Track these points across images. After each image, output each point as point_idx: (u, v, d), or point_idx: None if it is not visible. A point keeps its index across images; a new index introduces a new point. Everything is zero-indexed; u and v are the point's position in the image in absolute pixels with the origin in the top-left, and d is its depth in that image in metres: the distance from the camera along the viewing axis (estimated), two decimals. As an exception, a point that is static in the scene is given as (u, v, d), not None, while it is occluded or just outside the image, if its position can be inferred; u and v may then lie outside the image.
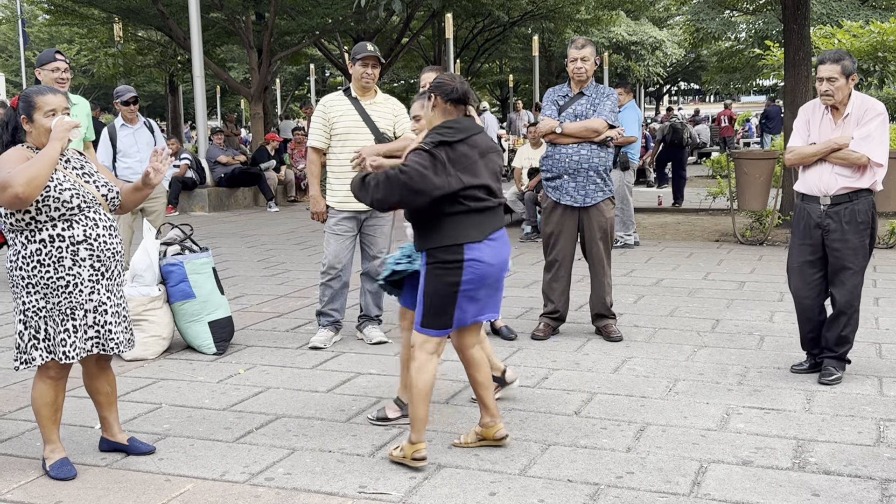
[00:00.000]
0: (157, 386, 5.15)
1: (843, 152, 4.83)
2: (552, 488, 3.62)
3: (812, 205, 4.98)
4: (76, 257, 3.76)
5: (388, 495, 3.59)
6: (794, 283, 5.12)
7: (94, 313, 3.82)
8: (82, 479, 3.81)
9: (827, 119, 4.95)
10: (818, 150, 4.91)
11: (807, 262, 5.02)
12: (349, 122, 5.85)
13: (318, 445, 4.14)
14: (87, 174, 3.87)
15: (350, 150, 5.74)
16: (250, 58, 18.55)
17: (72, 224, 3.75)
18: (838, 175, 4.87)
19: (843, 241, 4.88)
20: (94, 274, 3.80)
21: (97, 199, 3.84)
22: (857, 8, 20.57)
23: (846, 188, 4.86)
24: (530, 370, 5.30)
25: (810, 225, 4.98)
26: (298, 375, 5.30)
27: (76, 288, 3.77)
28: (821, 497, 3.48)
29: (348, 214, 5.91)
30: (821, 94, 4.89)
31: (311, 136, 5.99)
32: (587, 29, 27.18)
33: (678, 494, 3.53)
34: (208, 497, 3.61)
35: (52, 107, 3.76)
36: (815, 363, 5.12)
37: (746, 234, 10.40)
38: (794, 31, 10.76)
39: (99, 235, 3.80)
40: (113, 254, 3.87)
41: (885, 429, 4.21)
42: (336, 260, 5.93)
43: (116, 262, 3.90)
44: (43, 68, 5.97)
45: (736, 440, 4.10)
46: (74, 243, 3.75)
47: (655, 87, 46.10)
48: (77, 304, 3.78)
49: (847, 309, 4.93)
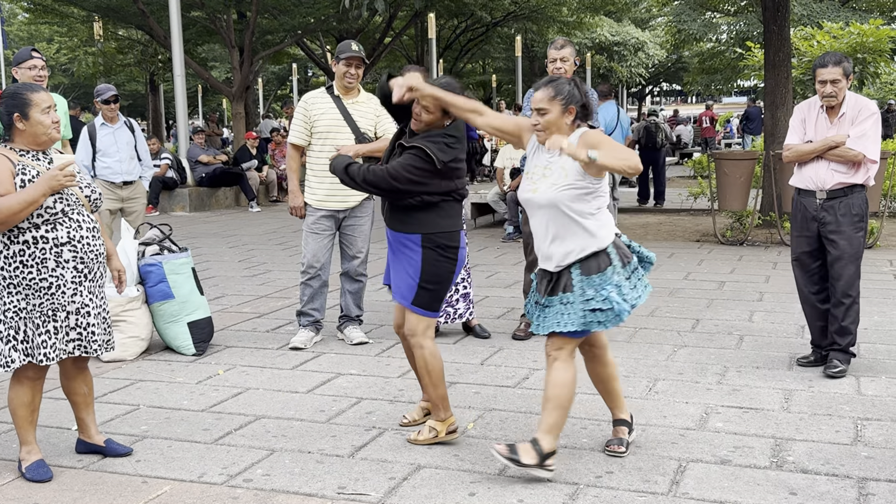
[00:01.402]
0: (135, 387, 5.12)
1: (840, 150, 5.00)
2: (531, 488, 3.62)
3: (808, 199, 5.16)
4: (60, 259, 3.73)
5: (367, 496, 3.58)
6: (796, 273, 5.33)
7: (76, 315, 3.79)
8: (58, 481, 3.78)
9: (822, 118, 5.12)
10: (816, 147, 5.08)
11: (805, 252, 5.23)
12: (330, 121, 5.84)
13: (298, 446, 4.13)
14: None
15: (330, 149, 5.73)
16: (232, 57, 18.49)
17: (55, 226, 3.72)
18: (834, 171, 5.05)
19: (839, 232, 5.06)
20: (76, 276, 3.77)
21: (80, 201, 3.81)
22: (837, 9, 20.69)
23: (841, 183, 5.05)
24: (511, 370, 5.30)
25: (807, 218, 5.16)
26: (278, 376, 5.28)
27: (59, 290, 3.74)
28: (798, 496, 3.50)
29: (327, 213, 5.91)
30: (824, 96, 5.04)
31: (291, 132, 5.99)
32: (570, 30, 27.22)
33: (657, 494, 3.54)
34: (186, 499, 3.59)
35: (49, 104, 3.76)
36: (822, 356, 5.23)
37: (727, 235, 10.45)
38: (774, 33, 10.83)
39: (83, 237, 3.77)
40: (96, 255, 3.84)
41: (862, 428, 4.24)
42: (315, 259, 5.93)
43: (99, 264, 3.87)
44: (20, 67, 5.92)
45: (714, 439, 4.12)
46: (58, 245, 3.73)
47: (638, 87, 46.24)
48: (59, 305, 3.75)
49: (844, 299, 5.08)
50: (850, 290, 5.09)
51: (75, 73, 25.41)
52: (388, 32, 22.69)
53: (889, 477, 3.65)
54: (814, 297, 5.25)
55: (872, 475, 3.68)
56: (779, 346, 5.72)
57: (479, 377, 5.18)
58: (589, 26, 29.18)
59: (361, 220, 5.98)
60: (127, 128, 7.85)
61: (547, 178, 3.69)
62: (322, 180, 5.82)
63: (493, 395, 4.84)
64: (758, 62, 15.58)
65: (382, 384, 5.06)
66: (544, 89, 3.69)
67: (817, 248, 5.19)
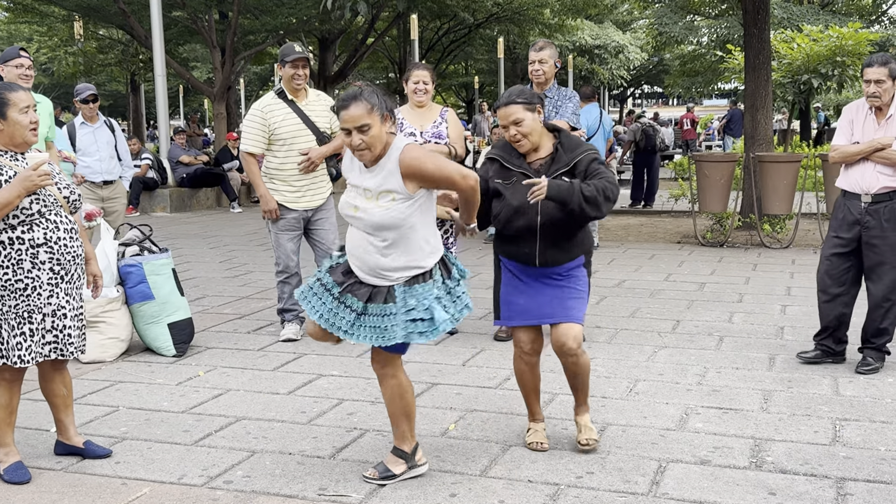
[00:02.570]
0: (114, 388, 5.09)
1: (886, 152, 4.99)
2: (512, 489, 3.63)
3: (853, 201, 5.15)
4: (36, 260, 3.69)
5: (348, 497, 3.58)
6: (821, 270, 5.33)
7: (52, 317, 3.76)
8: (37, 483, 3.75)
9: (870, 119, 5.10)
10: (862, 149, 5.07)
11: (836, 254, 5.24)
12: (291, 127, 5.92)
13: (279, 448, 4.12)
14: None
15: (294, 154, 5.90)
16: (213, 57, 18.41)
17: (32, 227, 3.69)
18: (880, 174, 5.03)
19: (882, 237, 5.06)
20: (53, 277, 3.74)
21: (59, 202, 3.78)
22: (816, 13, 20.85)
23: (887, 187, 5.03)
24: (492, 371, 5.30)
25: (849, 220, 5.16)
26: (259, 377, 5.26)
27: (35, 291, 3.71)
28: (777, 496, 3.52)
29: (295, 213, 6.03)
30: (868, 96, 5.04)
31: (246, 140, 5.94)
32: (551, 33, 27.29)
33: (637, 494, 3.55)
34: (165, 500, 3.57)
35: (27, 103, 3.72)
36: (823, 352, 5.32)
37: (707, 236, 10.51)
38: (754, 36, 10.89)
39: (60, 238, 3.74)
40: (73, 257, 3.81)
41: (840, 428, 4.27)
42: (289, 258, 6.07)
43: (77, 266, 3.84)
44: (7, 65, 5.85)
45: (694, 440, 4.13)
46: (34, 246, 3.69)
47: (619, 90, 46.40)
48: (35, 307, 3.72)
49: (884, 302, 5.13)
50: (891, 294, 5.10)
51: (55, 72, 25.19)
52: (370, 33, 22.65)
53: (867, 477, 3.68)
54: (838, 297, 5.26)
55: (850, 475, 3.71)
56: (758, 347, 5.75)
57: (461, 378, 5.18)
58: (570, 29, 29.26)
59: (328, 215, 6.17)
60: (107, 127, 7.81)
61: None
62: (290, 184, 5.97)
63: (475, 395, 4.84)
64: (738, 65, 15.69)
65: (364, 385, 5.05)
66: (355, 105, 3.39)
67: (853, 251, 5.17)
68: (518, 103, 3.76)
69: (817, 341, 5.38)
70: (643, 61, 37.10)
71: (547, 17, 25.86)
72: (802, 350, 5.47)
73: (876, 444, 4.04)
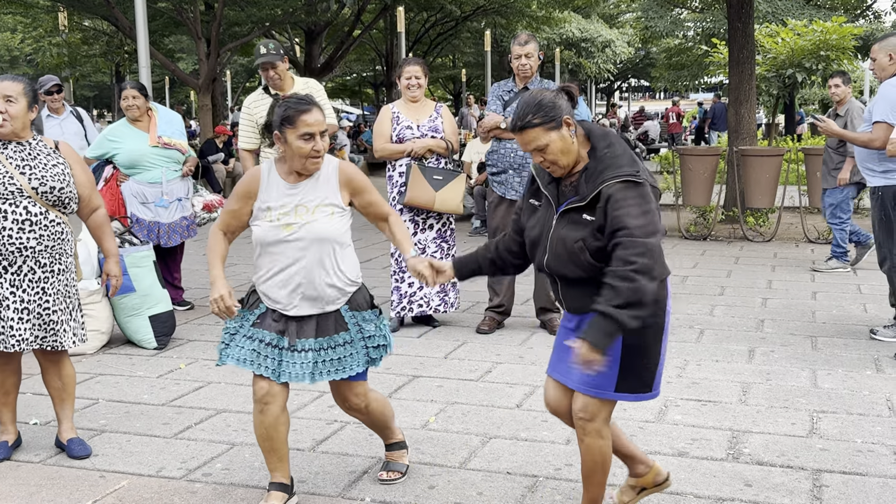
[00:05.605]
0: (94, 381, 5.07)
1: None
2: (491, 481, 3.64)
3: None
4: None
5: (326, 489, 3.58)
6: (890, 263, 5.38)
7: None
8: (15, 476, 3.73)
9: None
10: None
11: None
12: None
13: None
14: (28, 165, 3.76)
15: None
16: (199, 48, 18.31)
17: None
18: None
19: None
20: None
21: (25, 192, 3.73)
22: (801, 7, 20.91)
23: None
24: (474, 363, 5.31)
25: None
26: (240, 371, 5.25)
27: None
28: (753, 487, 3.54)
29: None
30: None
31: (241, 138, 6.07)
32: (538, 25, 27.28)
33: (615, 485, 3.56)
34: (143, 493, 3.56)
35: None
36: None
37: (691, 230, 10.54)
38: (738, 30, 10.92)
39: (4, 228, 3.68)
40: (19, 249, 3.71)
41: (817, 420, 4.29)
42: None
43: (26, 258, 3.74)
44: None
45: (673, 431, 4.15)
46: None
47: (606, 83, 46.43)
48: None
49: None
50: None
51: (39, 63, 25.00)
52: (356, 25, 22.56)
53: (843, 469, 3.71)
54: None
55: (826, 467, 3.73)
56: (738, 340, 5.78)
57: (442, 371, 5.18)
58: (557, 21, 29.25)
59: None
60: (74, 117, 7.68)
61: None
62: None
63: (456, 388, 4.85)
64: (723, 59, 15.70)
65: (345, 378, 5.04)
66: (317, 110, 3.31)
67: None
68: (536, 126, 2.87)
69: None
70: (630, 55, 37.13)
71: (534, 9, 25.83)
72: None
73: (852, 437, 4.07)
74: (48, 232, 3.78)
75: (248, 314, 3.38)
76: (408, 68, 5.97)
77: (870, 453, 3.87)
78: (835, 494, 3.47)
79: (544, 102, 2.89)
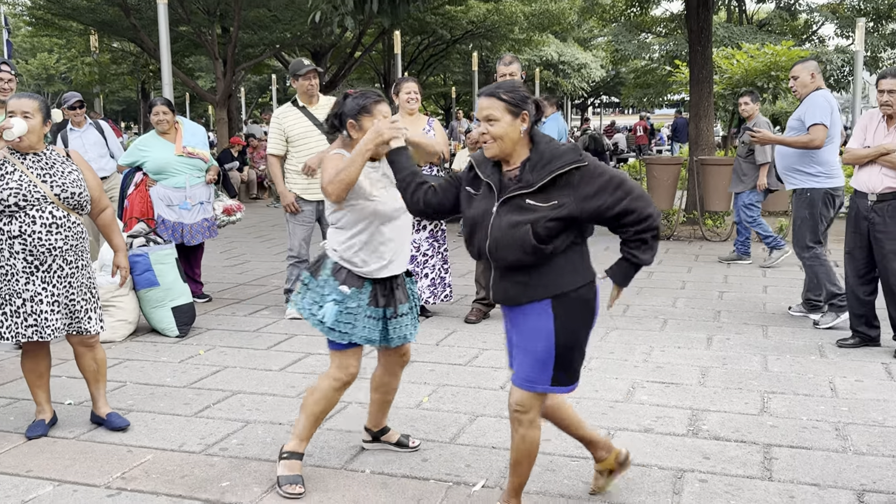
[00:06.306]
0: (122, 366, 5.06)
1: (891, 156, 4.94)
2: (478, 454, 3.64)
3: (862, 200, 5.12)
4: (12, 250, 3.70)
5: (330, 462, 3.58)
6: (846, 264, 5.29)
7: (31, 302, 3.73)
8: (51, 450, 3.72)
9: (881, 127, 5.07)
10: (870, 153, 5.04)
11: (857, 247, 5.19)
12: (302, 129, 6.05)
13: (270, 419, 4.11)
14: (48, 174, 3.76)
15: (306, 152, 5.95)
16: (216, 68, 18.22)
17: (11, 220, 3.68)
18: (884, 176, 4.99)
19: (885, 232, 5.03)
20: (27, 266, 3.71)
21: (48, 198, 3.74)
22: (754, 32, 20.96)
23: (890, 188, 4.99)
24: (463, 350, 5.32)
25: (860, 217, 5.14)
26: (254, 356, 5.24)
27: (13, 277, 3.71)
28: (710, 460, 3.56)
29: (310, 206, 6.12)
30: (881, 105, 4.99)
31: (270, 144, 6.15)
32: (521, 48, 27.28)
33: (587, 458, 3.56)
34: (167, 465, 3.56)
35: (11, 109, 3.76)
36: (861, 339, 5.25)
37: (656, 231, 10.54)
38: (698, 52, 10.94)
39: (35, 232, 3.70)
40: (49, 249, 3.73)
41: (768, 400, 4.31)
42: (302, 245, 6.16)
43: (55, 257, 3.75)
44: None
45: (639, 410, 4.16)
46: (11, 237, 3.69)
47: (580, 100, 46.45)
48: (14, 291, 3.72)
49: (895, 288, 5.06)
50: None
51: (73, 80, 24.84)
52: (357, 47, 22.51)
53: (790, 443, 3.72)
54: (859, 287, 5.21)
55: (776, 442, 3.75)
56: (698, 329, 5.79)
57: (434, 356, 5.18)
58: (537, 43, 29.24)
59: None
60: (94, 129, 7.67)
61: None
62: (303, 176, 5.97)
63: (447, 372, 4.85)
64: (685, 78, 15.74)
65: (347, 363, 5.04)
66: (384, 104, 3.31)
67: (867, 245, 5.14)
68: (501, 99, 2.75)
69: (854, 330, 5.29)
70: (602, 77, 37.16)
71: (517, 33, 25.86)
72: (840, 338, 5.36)
73: (799, 415, 4.09)
74: (71, 233, 3.80)
75: (358, 294, 3.27)
76: (406, 85, 6.00)
77: (814, 429, 3.89)
78: (783, 466, 3.48)
79: (519, 91, 2.81)
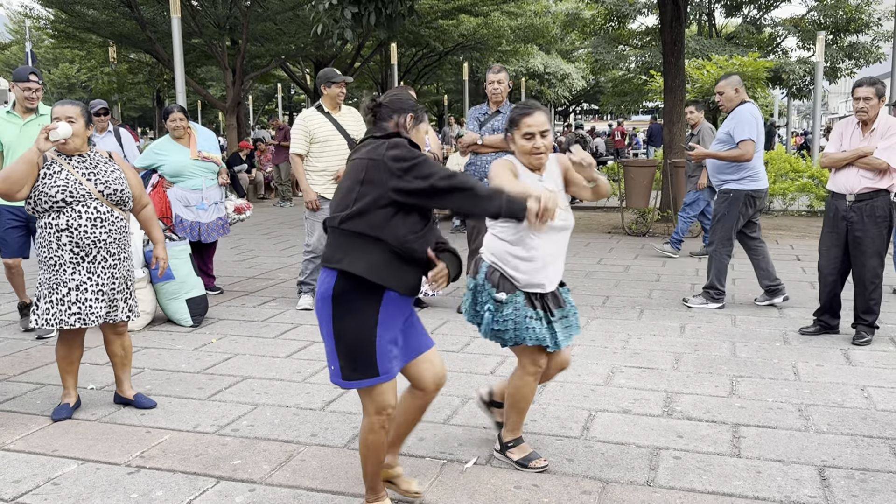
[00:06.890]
0: (140, 353, 5.04)
1: (868, 158, 4.91)
2: (470, 434, 3.64)
3: (840, 201, 5.07)
4: (59, 242, 3.70)
5: (333, 441, 3.57)
6: (821, 260, 5.25)
7: (76, 291, 3.73)
8: (75, 431, 3.71)
9: (857, 132, 5.02)
10: (848, 155, 4.99)
11: (833, 245, 5.16)
12: (326, 132, 6.07)
13: (277, 402, 4.10)
14: (92, 173, 3.76)
15: (328, 154, 6.03)
16: (226, 77, 18.15)
17: (59, 214, 3.69)
18: (862, 177, 4.96)
19: (864, 231, 4.99)
20: (73, 257, 3.72)
21: (93, 195, 3.73)
22: (723, 45, 20.98)
23: (868, 188, 4.96)
24: (455, 338, 5.31)
25: (837, 217, 5.09)
26: (262, 344, 5.23)
27: (60, 268, 3.72)
28: (684, 438, 3.57)
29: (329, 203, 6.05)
30: (857, 111, 4.94)
31: (294, 144, 6.16)
32: (508, 59, 27.26)
33: (571, 437, 3.58)
34: (182, 445, 3.55)
35: (56, 115, 3.73)
36: (822, 327, 5.26)
37: (632, 228, 10.57)
38: (671, 63, 10.94)
39: (80, 226, 3.71)
40: (93, 242, 3.73)
41: (736, 384, 4.32)
42: (319, 241, 6.11)
43: (99, 249, 3.76)
44: (17, 84, 5.57)
45: (618, 393, 4.17)
46: (59, 230, 3.69)
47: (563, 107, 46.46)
48: (61, 281, 3.72)
49: (868, 284, 5.04)
50: (873, 278, 5.03)
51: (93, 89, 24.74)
52: (357, 58, 22.47)
53: (757, 423, 3.74)
54: (831, 282, 5.19)
55: (744, 421, 3.76)
56: (672, 318, 5.81)
57: (429, 344, 5.17)
58: (523, 54, 29.22)
59: None
60: (112, 135, 7.63)
61: None
62: (324, 176, 6.08)
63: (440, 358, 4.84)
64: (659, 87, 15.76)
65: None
66: (539, 112, 3.03)
67: (843, 244, 5.10)
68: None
69: (816, 318, 5.31)
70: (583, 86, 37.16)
71: (504, 45, 25.87)
72: (803, 326, 5.38)
73: (765, 397, 4.10)
74: (114, 227, 3.81)
75: (514, 299, 3.07)
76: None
77: (779, 410, 3.91)
78: (750, 444, 3.50)
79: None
